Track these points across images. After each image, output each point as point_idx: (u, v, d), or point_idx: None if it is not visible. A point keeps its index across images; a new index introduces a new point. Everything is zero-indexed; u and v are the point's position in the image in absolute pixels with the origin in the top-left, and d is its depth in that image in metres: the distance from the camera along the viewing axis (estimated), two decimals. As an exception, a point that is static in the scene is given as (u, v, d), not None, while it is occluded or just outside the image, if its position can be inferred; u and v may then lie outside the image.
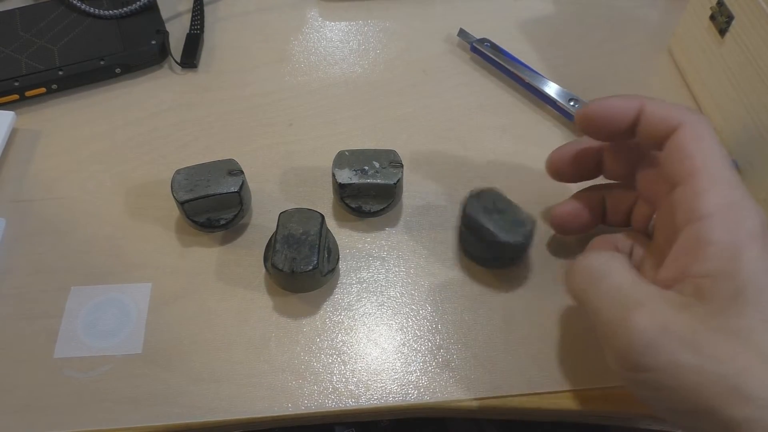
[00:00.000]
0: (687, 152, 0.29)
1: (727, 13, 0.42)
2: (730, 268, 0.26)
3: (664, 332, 0.26)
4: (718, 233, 0.27)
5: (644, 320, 0.26)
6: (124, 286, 0.38)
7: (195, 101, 0.47)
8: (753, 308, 0.25)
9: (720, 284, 0.26)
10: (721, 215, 0.27)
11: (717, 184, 0.28)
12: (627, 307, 0.27)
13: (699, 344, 0.25)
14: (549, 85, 0.46)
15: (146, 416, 0.33)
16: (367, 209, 0.39)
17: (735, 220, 0.27)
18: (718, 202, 0.27)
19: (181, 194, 0.37)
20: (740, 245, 0.26)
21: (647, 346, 0.26)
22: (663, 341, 0.26)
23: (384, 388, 0.34)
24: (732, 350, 0.25)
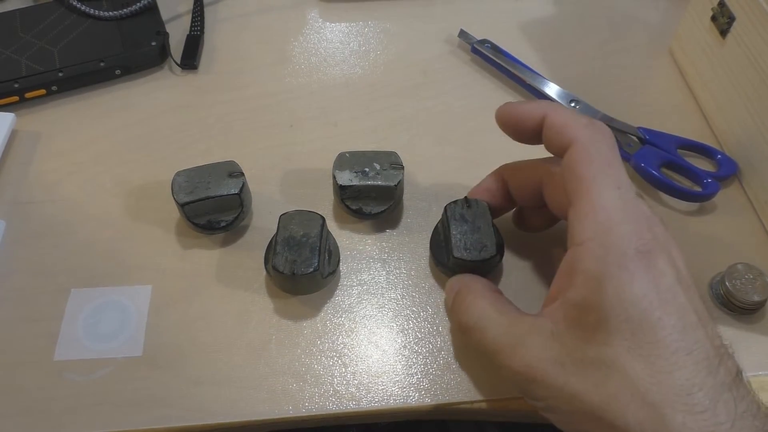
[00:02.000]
0: (575, 173, 0.29)
1: (728, 13, 0.42)
2: (595, 299, 0.26)
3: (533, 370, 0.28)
4: (586, 262, 0.27)
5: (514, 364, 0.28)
6: (125, 288, 0.37)
7: (195, 103, 0.47)
8: (617, 337, 0.26)
9: (585, 314, 0.27)
10: (592, 243, 0.27)
11: (596, 209, 0.28)
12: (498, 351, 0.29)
13: (564, 379, 0.27)
14: (549, 86, 0.46)
15: (146, 419, 0.33)
16: (367, 211, 0.39)
17: (606, 247, 0.27)
18: (594, 229, 0.27)
19: (182, 196, 0.37)
20: (606, 275, 0.26)
21: (525, 386, 0.28)
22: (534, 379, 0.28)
23: (385, 390, 0.34)
24: (594, 382, 0.26)
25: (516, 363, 0.28)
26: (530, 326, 0.29)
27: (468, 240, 0.36)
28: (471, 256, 0.35)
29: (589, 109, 0.45)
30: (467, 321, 0.32)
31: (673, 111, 0.47)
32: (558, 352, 0.27)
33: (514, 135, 0.34)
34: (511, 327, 0.30)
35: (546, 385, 0.27)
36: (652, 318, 0.26)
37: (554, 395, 0.27)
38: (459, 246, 0.35)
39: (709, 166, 0.43)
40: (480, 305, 0.32)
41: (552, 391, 0.27)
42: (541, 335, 0.28)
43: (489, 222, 0.36)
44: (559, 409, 0.27)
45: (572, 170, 0.29)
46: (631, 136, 0.44)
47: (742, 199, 0.42)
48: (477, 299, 0.32)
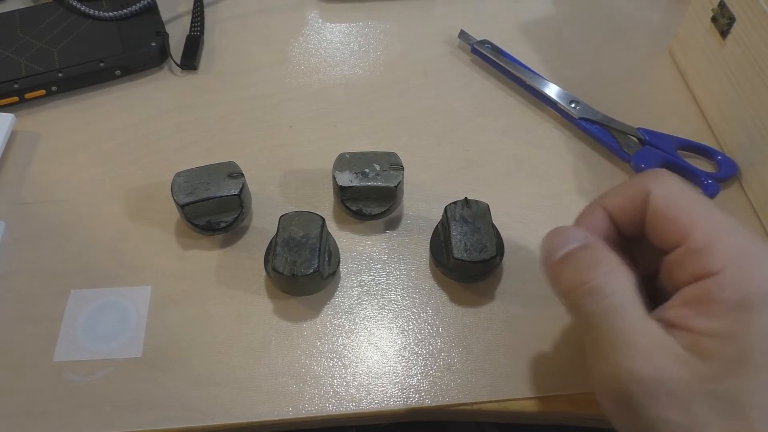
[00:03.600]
0: (670, 215, 0.27)
1: (728, 14, 0.42)
2: (738, 330, 0.24)
3: (659, 384, 0.25)
4: (727, 291, 0.25)
5: (643, 368, 0.25)
6: (124, 289, 0.37)
7: (195, 103, 0.47)
8: (756, 373, 0.24)
9: (725, 345, 0.24)
10: (730, 270, 0.25)
11: (718, 238, 0.25)
12: (627, 343, 0.25)
13: (692, 405, 0.24)
14: (550, 86, 0.46)
15: (146, 420, 0.33)
16: (367, 212, 0.39)
17: (745, 274, 0.25)
18: (724, 257, 0.25)
19: (182, 197, 0.37)
20: (750, 304, 0.24)
21: (640, 396, 0.25)
22: (656, 393, 0.24)
23: (385, 391, 0.34)
24: (724, 416, 0.24)
25: (645, 367, 0.25)
26: (664, 336, 0.25)
27: (468, 241, 0.36)
28: (471, 257, 0.35)
29: (589, 110, 0.45)
30: (604, 285, 0.26)
31: (673, 112, 0.47)
32: (689, 377, 0.24)
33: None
34: (648, 324, 0.26)
35: (658, 405, 0.24)
36: None
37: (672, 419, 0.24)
38: (459, 247, 0.35)
39: (709, 167, 0.43)
40: (625, 277, 0.27)
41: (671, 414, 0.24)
42: (670, 352, 0.25)
43: (489, 223, 0.36)
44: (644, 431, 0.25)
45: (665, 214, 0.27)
46: (631, 136, 0.44)
47: (742, 200, 0.42)
48: (621, 268, 0.27)
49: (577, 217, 0.30)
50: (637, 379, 0.25)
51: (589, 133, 0.44)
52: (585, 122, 0.45)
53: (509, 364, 0.35)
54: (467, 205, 0.37)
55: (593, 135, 0.44)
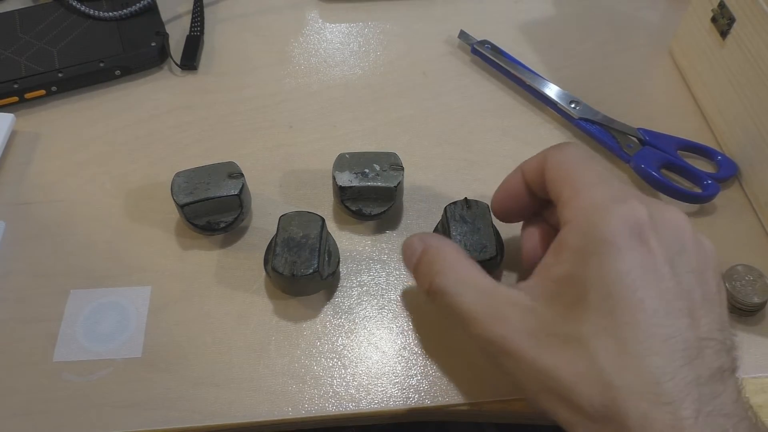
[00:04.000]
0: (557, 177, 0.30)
1: (728, 15, 0.42)
2: (578, 273, 0.26)
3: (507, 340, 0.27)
4: (573, 237, 0.27)
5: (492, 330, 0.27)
6: (124, 289, 0.37)
7: (195, 103, 0.47)
8: (594, 315, 0.25)
9: (565, 289, 0.26)
10: (579, 219, 0.27)
11: (580, 191, 0.28)
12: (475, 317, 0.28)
13: (536, 353, 0.26)
14: (550, 87, 0.46)
15: (146, 420, 0.33)
16: (367, 212, 0.39)
17: (593, 223, 0.26)
18: (580, 206, 0.27)
19: (181, 197, 0.37)
20: (591, 249, 0.26)
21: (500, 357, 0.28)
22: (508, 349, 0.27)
23: (385, 391, 0.34)
24: (565, 359, 0.25)
25: (491, 333, 0.28)
26: (507, 297, 0.28)
27: (468, 241, 0.36)
28: (471, 257, 0.35)
29: (589, 110, 0.45)
30: (442, 284, 0.30)
31: (673, 112, 0.47)
32: (533, 326, 0.27)
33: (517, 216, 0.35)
34: (488, 296, 0.29)
35: (517, 358, 0.27)
36: (633, 298, 0.25)
37: (524, 370, 0.27)
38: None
39: (709, 168, 0.43)
40: (457, 269, 0.30)
41: (522, 366, 0.27)
42: (517, 307, 0.28)
43: (489, 223, 0.36)
44: (527, 385, 0.27)
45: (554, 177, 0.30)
46: (631, 137, 0.44)
47: (742, 200, 0.42)
48: (454, 262, 0.31)
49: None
50: (490, 341, 0.28)
51: (589, 134, 0.44)
52: (585, 122, 0.45)
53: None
54: (467, 205, 0.37)
55: (593, 135, 0.44)
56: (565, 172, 0.29)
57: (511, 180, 0.34)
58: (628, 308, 0.25)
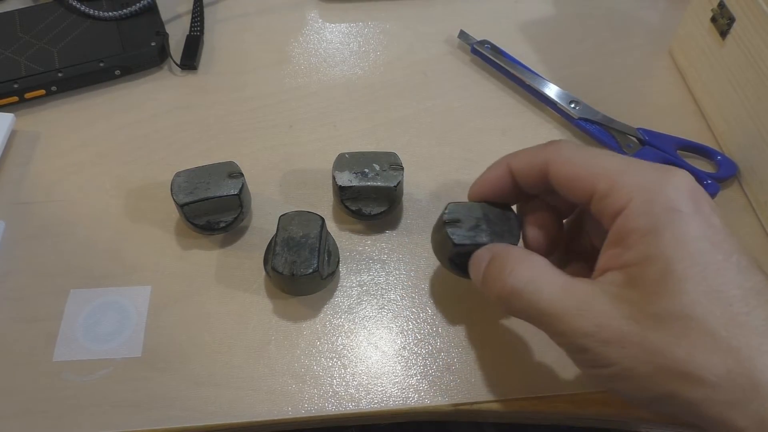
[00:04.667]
0: (575, 174, 0.29)
1: (728, 14, 0.42)
2: (654, 251, 0.25)
3: (604, 329, 0.26)
4: (635, 220, 0.26)
5: (583, 325, 0.26)
6: (124, 289, 0.37)
7: (195, 103, 0.47)
8: (688, 284, 0.25)
9: (647, 268, 0.25)
10: (635, 201, 0.27)
11: (617, 180, 0.27)
12: (558, 315, 0.27)
13: (641, 335, 0.25)
14: (549, 86, 0.46)
15: (146, 420, 0.33)
16: (367, 212, 0.39)
17: (651, 201, 0.26)
18: (629, 191, 0.27)
19: (181, 197, 0.37)
20: (660, 224, 0.26)
21: (597, 349, 0.26)
22: (607, 338, 0.25)
23: (384, 391, 0.34)
24: (673, 334, 0.24)
25: (585, 324, 0.26)
26: (590, 289, 0.27)
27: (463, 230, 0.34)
28: (461, 239, 0.33)
29: (589, 110, 0.45)
30: (514, 284, 0.28)
31: (673, 112, 0.47)
32: (628, 311, 0.25)
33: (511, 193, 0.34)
34: (569, 289, 0.27)
35: (622, 343, 0.25)
36: (716, 259, 0.25)
37: (632, 354, 0.25)
38: (452, 231, 0.33)
39: (708, 168, 0.43)
40: (528, 266, 0.29)
41: (630, 350, 0.25)
42: (605, 296, 0.26)
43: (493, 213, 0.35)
44: (636, 370, 0.25)
45: (571, 169, 0.29)
46: (631, 137, 0.44)
47: (742, 200, 0.42)
48: (523, 261, 0.29)
49: (486, 169, 0.34)
50: (584, 335, 0.26)
51: (589, 134, 0.44)
52: (585, 122, 0.45)
53: (509, 364, 0.35)
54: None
55: (593, 135, 0.44)
56: (585, 168, 0.29)
57: (495, 175, 0.33)
58: (716, 270, 0.25)
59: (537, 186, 0.31)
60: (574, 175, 0.29)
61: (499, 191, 0.33)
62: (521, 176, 0.32)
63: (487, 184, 0.34)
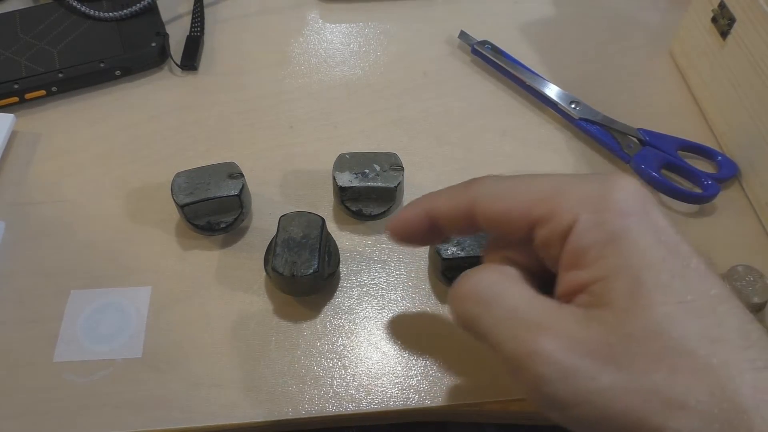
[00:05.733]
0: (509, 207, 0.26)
1: (728, 15, 0.42)
2: (617, 264, 0.23)
3: (577, 354, 0.22)
4: (589, 235, 0.24)
5: (553, 346, 0.22)
6: (124, 289, 0.37)
7: (195, 103, 0.47)
8: (661, 293, 0.22)
9: (614, 283, 0.23)
10: (583, 216, 0.24)
11: (555, 200, 0.25)
12: (530, 335, 0.23)
13: (618, 358, 0.22)
14: (550, 87, 0.46)
15: (146, 420, 0.33)
16: (367, 212, 0.39)
17: (599, 211, 0.24)
18: (572, 206, 0.24)
19: (182, 197, 0.37)
20: (615, 234, 0.23)
21: (563, 377, 0.22)
22: (579, 365, 0.22)
23: (385, 392, 0.34)
24: (654, 354, 0.21)
25: (547, 346, 0.22)
26: (558, 307, 0.24)
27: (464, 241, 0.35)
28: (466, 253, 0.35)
29: (589, 110, 0.45)
30: (473, 285, 0.26)
31: (674, 112, 0.47)
32: (597, 335, 0.22)
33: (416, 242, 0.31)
34: (534, 304, 0.24)
35: (586, 377, 0.21)
36: (677, 266, 0.23)
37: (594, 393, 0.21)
38: (444, 249, 0.35)
39: (709, 168, 0.43)
40: (494, 271, 0.26)
41: (592, 389, 0.21)
42: (572, 317, 0.23)
43: None
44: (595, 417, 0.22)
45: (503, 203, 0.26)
46: (631, 137, 0.44)
47: (743, 200, 0.42)
48: (489, 267, 0.27)
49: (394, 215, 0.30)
50: (555, 362, 0.22)
51: (590, 134, 0.44)
52: (585, 123, 0.45)
53: (509, 365, 0.35)
54: None
55: (593, 136, 0.44)
56: (516, 199, 0.26)
57: (411, 217, 0.29)
58: (681, 278, 0.22)
59: (464, 230, 0.28)
60: (506, 209, 0.26)
61: (417, 234, 0.30)
62: (444, 220, 0.28)
63: (402, 225, 0.30)
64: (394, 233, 0.30)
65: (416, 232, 0.29)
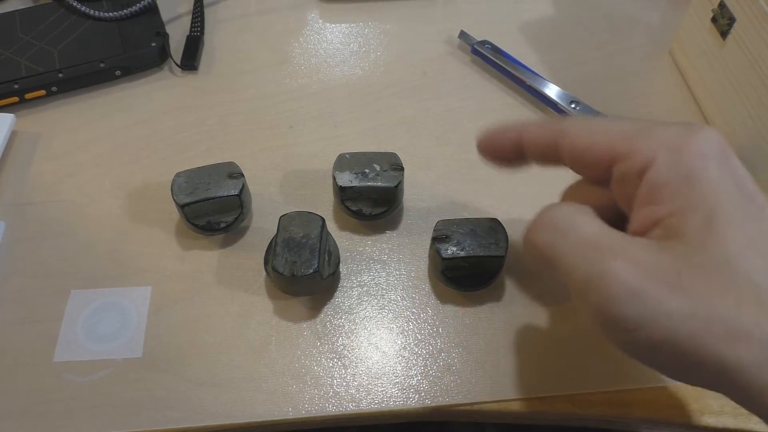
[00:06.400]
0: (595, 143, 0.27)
1: (728, 15, 0.42)
2: (693, 200, 0.24)
3: (647, 278, 0.23)
4: (667, 172, 0.25)
5: (623, 269, 0.23)
6: (124, 289, 0.37)
7: (195, 104, 0.47)
8: (733, 230, 0.23)
9: (689, 217, 0.24)
10: (663, 155, 0.25)
11: (636, 140, 0.26)
12: (602, 258, 0.24)
13: (686, 286, 0.23)
14: (550, 87, 0.46)
15: (146, 420, 0.33)
16: (367, 212, 0.39)
17: (678, 151, 0.25)
18: (653, 146, 0.25)
19: (182, 197, 0.37)
20: (693, 173, 0.24)
21: (631, 298, 0.23)
22: (648, 288, 0.23)
23: (385, 392, 0.34)
24: (721, 285, 0.22)
25: (619, 269, 0.23)
26: (631, 238, 0.25)
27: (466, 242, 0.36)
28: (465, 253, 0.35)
29: (590, 110, 0.45)
30: (550, 215, 0.27)
31: (674, 112, 0.47)
32: (669, 263, 0.23)
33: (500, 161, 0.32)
34: (607, 231, 0.25)
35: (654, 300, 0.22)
36: (751, 209, 0.24)
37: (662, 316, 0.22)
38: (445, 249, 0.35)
39: (709, 168, 0.43)
40: (570, 205, 0.27)
41: (659, 311, 0.22)
42: (644, 246, 0.24)
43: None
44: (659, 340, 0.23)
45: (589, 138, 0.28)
46: (632, 137, 0.44)
47: (743, 200, 0.42)
48: (563, 206, 0.28)
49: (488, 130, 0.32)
50: (626, 282, 0.23)
51: (589, 134, 0.44)
52: (585, 122, 0.44)
53: (509, 364, 0.35)
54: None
55: (593, 135, 0.44)
56: (600, 135, 0.27)
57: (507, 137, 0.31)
58: (754, 220, 0.23)
59: (548, 159, 0.30)
60: (590, 144, 0.27)
61: (503, 152, 0.31)
62: (532, 146, 0.30)
63: (492, 141, 0.32)
64: (483, 147, 0.32)
65: (503, 150, 0.31)
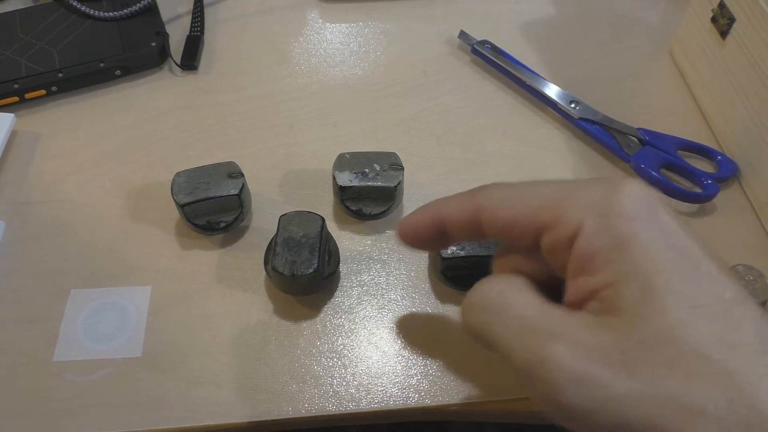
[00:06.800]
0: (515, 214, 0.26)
1: (728, 15, 0.42)
2: (626, 269, 0.22)
3: (589, 361, 0.21)
4: (596, 240, 0.23)
5: (564, 354, 0.22)
6: (124, 289, 0.37)
7: (195, 103, 0.47)
8: (672, 298, 0.21)
9: (624, 289, 0.22)
10: (589, 221, 0.23)
11: (563, 201, 0.24)
12: (541, 342, 0.22)
13: (631, 365, 0.21)
14: (550, 87, 0.46)
15: (146, 420, 0.33)
16: (367, 212, 0.39)
17: (605, 215, 0.23)
18: (577, 212, 0.24)
19: (181, 197, 0.37)
20: (623, 238, 0.23)
21: (576, 385, 0.21)
22: (591, 372, 0.21)
23: (385, 391, 0.34)
24: (668, 361, 0.21)
25: (559, 355, 0.22)
26: (569, 315, 0.23)
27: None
28: (465, 253, 0.35)
29: (589, 110, 0.45)
30: (482, 293, 0.26)
31: (673, 112, 0.47)
32: (611, 342, 0.21)
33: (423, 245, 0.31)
34: (544, 311, 0.24)
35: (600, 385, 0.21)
36: (688, 269, 0.22)
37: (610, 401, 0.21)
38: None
39: (709, 168, 0.43)
40: (503, 280, 0.26)
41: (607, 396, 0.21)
42: (583, 324, 0.23)
43: None
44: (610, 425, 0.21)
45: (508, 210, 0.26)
46: (631, 137, 0.44)
47: (742, 200, 0.42)
48: (495, 281, 0.26)
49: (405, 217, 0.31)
50: (568, 369, 0.21)
51: (589, 134, 0.44)
52: (585, 122, 0.45)
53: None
54: None
55: (593, 135, 0.44)
56: (521, 206, 0.26)
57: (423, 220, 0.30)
58: (693, 281, 0.22)
59: (471, 236, 0.29)
60: (512, 216, 0.26)
61: (425, 238, 0.30)
62: (452, 226, 0.29)
63: (413, 228, 0.30)
64: (402, 236, 0.31)
65: (424, 236, 0.30)
